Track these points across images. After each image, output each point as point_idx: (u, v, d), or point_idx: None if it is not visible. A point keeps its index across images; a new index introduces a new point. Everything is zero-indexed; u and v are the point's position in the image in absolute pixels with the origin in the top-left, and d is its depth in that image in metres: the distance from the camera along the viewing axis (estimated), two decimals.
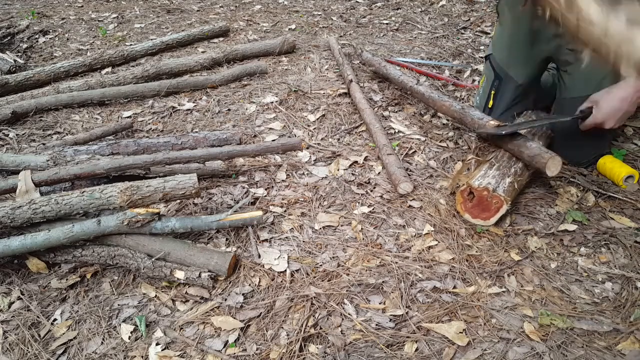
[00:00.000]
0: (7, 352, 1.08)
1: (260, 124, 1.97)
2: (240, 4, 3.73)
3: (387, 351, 1.05)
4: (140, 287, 1.24)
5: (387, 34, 2.96)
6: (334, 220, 1.43)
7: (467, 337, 1.07)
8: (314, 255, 1.31)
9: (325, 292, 1.19)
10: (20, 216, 1.23)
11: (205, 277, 1.19)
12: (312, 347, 1.06)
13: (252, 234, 1.37)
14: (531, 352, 1.03)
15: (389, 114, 2.00)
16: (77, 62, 2.45)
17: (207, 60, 2.47)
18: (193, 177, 1.28)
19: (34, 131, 1.94)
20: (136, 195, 1.24)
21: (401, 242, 1.35)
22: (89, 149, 1.63)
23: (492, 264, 1.27)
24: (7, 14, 3.53)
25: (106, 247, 1.27)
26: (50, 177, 1.36)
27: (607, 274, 1.23)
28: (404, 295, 1.18)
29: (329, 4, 3.63)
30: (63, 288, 1.24)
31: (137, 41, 2.92)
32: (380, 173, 1.63)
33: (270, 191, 1.56)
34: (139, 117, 2.06)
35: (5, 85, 2.21)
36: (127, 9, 3.60)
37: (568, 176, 1.56)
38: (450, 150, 1.75)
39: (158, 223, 1.26)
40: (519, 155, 1.41)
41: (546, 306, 1.14)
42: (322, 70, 2.46)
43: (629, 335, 1.06)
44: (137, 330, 1.13)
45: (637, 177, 1.51)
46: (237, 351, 1.06)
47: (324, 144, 1.81)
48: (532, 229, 1.38)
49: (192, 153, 1.44)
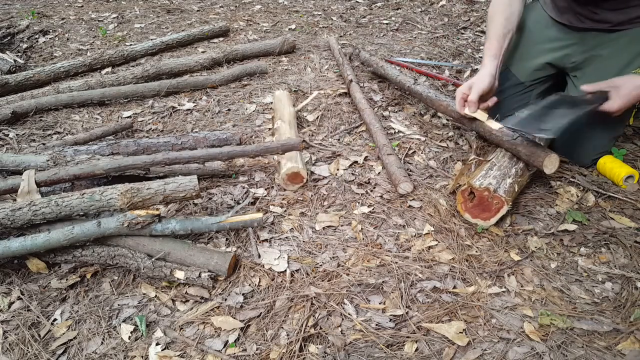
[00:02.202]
0: (7, 352, 1.08)
1: (260, 124, 1.97)
2: (240, 4, 3.73)
3: (387, 351, 1.05)
4: (140, 287, 1.24)
5: (387, 34, 2.96)
6: (334, 220, 1.43)
7: (467, 337, 1.07)
8: (314, 255, 1.31)
9: (325, 292, 1.19)
10: (21, 218, 1.23)
11: (205, 277, 1.19)
12: (312, 347, 1.06)
13: (252, 234, 1.37)
14: (531, 352, 1.03)
15: (389, 114, 2.00)
16: (77, 62, 2.45)
17: (207, 60, 2.47)
18: (193, 179, 1.28)
19: (34, 131, 1.94)
20: (136, 198, 1.24)
21: (401, 242, 1.35)
22: (89, 149, 1.63)
23: (492, 264, 1.27)
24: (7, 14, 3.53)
25: (106, 247, 1.27)
26: (50, 178, 1.36)
27: (607, 274, 1.23)
28: (404, 295, 1.18)
29: (329, 4, 3.63)
30: (63, 288, 1.24)
31: (137, 41, 2.92)
32: (380, 173, 1.63)
33: (270, 191, 1.56)
34: (139, 117, 2.06)
35: (5, 85, 2.21)
36: (127, 9, 3.60)
37: (568, 176, 1.56)
38: (450, 150, 1.75)
39: (158, 225, 1.26)
40: (516, 153, 1.41)
41: (546, 306, 1.15)
42: (322, 70, 2.46)
43: (629, 335, 1.06)
44: (137, 330, 1.13)
45: (637, 177, 1.51)
46: (237, 351, 1.07)
47: (324, 144, 1.81)
48: (532, 229, 1.38)
49: (192, 153, 1.44)
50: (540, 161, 1.31)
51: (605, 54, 1.50)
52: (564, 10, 1.57)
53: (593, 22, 1.50)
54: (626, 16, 1.43)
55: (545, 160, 1.30)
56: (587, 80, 1.54)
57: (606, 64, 1.50)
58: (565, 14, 1.57)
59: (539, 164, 1.32)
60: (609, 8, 1.44)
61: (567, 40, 1.59)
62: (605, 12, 1.46)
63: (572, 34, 1.57)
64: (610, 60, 1.49)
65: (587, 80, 1.54)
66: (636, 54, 1.45)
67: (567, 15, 1.56)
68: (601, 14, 1.47)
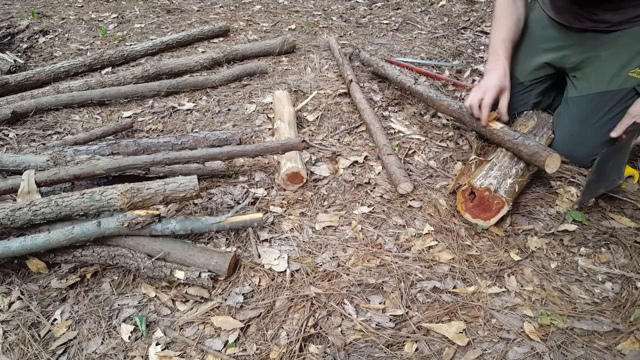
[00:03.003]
0: (7, 352, 1.08)
1: (260, 124, 1.97)
2: (240, 4, 3.73)
3: (387, 351, 1.05)
4: (140, 287, 1.24)
5: (387, 34, 2.96)
6: (334, 220, 1.43)
7: (467, 337, 1.07)
8: (314, 255, 1.31)
9: (325, 292, 1.19)
10: (21, 218, 1.23)
11: (205, 277, 1.19)
12: (312, 347, 1.06)
13: (252, 234, 1.37)
14: (531, 352, 1.03)
15: (389, 114, 2.00)
16: (77, 62, 2.45)
17: (207, 60, 2.47)
18: (193, 179, 1.28)
19: (34, 131, 1.94)
20: (136, 198, 1.24)
21: (401, 242, 1.35)
22: (89, 149, 1.63)
23: (492, 264, 1.27)
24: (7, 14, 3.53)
25: (106, 247, 1.26)
26: (50, 178, 1.36)
27: (607, 274, 1.23)
28: (404, 295, 1.18)
29: (329, 4, 3.63)
30: (63, 288, 1.24)
31: (137, 41, 2.92)
32: (380, 173, 1.63)
33: (270, 191, 1.56)
34: (139, 117, 2.06)
35: (5, 85, 2.21)
36: (127, 9, 3.60)
37: (568, 176, 1.56)
38: (450, 150, 1.75)
39: (158, 225, 1.25)
40: (517, 153, 1.41)
41: (546, 306, 1.15)
42: (322, 70, 2.46)
43: (629, 335, 1.06)
44: (137, 330, 1.13)
45: (637, 177, 1.51)
46: (237, 351, 1.07)
47: (324, 144, 1.81)
48: (532, 229, 1.38)
49: (191, 153, 1.44)
50: (542, 161, 1.31)
51: (604, 54, 1.51)
52: (562, 10, 1.57)
53: (592, 22, 1.50)
54: (624, 16, 1.43)
55: (547, 160, 1.30)
56: (587, 81, 1.55)
57: (605, 64, 1.50)
58: (563, 14, 1.57)
59: (540, 163, 1.32)
60: (608, 9, 1.45)
61: (566, 41, 1.59)
62: (604, 12, 1.46)
63: (571, 34, 1.58)
64: (609, 60, 1.49)
65: (586, 80, 1.55)
66: (635, 53, 1.45)
67: (566, 15, 1.56)
68: (600, 15, 1.47)
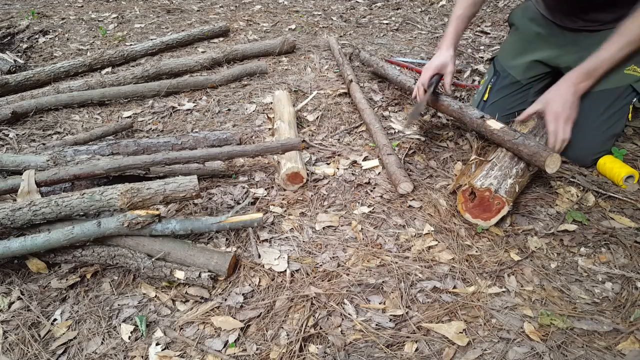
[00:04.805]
0: (7, 352, 1.08)
1: (260, 124, 1.97)
2: (240, 4, 3.73)
3: (387, 351, 1.05)
4: (140, 287, 1.24)
5: (387, 34, 2.96)
6: (334, 220, 1.43)
7: (467, 337, 1.07)
8: (314, 255, 1.31)
9: (325, 292, 1.19)
10: (21, 218, 1.23)
11: (205, 277, 1.19)
12: (312, 347, 1.06)
13: (252, 234, 1.37)
14: (531, 352, 1.03)
15: (389, 114, 2.00)
16: (77, 62, 2.45)
17: (207, 60, 2.47)
18: (194, 179, 1.28)
19: (34, 131, 1.94)
20: (136, 198, 1.24)
21: (401, 242, 1.35)
22: (89, 149, 1.63)
23: (492, 264, 1.27)
24: (7, 14, 3.53)
25: (106, 247, 1.26)
26: (50, 178, 1.36)
27: (607, 274, 1.23)
28: (404, 295, 1.18)
29: (329, 4, 3.63)
30: (63, 288, 1.24)
31: (137, 41, 2.92)
32: (380, 173, 1.63)
33: (270, 191, 1.56)
34: (139, 117, 2.06)
35: (5, 85, 2.21)
36: (127, 9, 3.60)
37: (568, 176, 1.56)
38: (450, 150, 1.75)
39: (158, 225, 1.25)
40: (517, 154, 1.41)
41: (546, 306, 1.14)
42: (322, 70, 2.46)
43: (629, 335, 1.06)
44: (137, 330, 1.13)
45: (637, 177, 1.51)
46: (237, 351, 1.06)
47: (324, 144, 1.81)
48: (532, 229, 1.38)
49: (191, 153, 1.44)
50: (542, 161, 1.31)
51: None
52: (553, 9, 1.59)
53: (584, 21, 1.53)
54: (616, 15, 1.44)
55: (548, 160, 1.30)
56: None
57: None
58: (555, 13, 1.60)
59: (540, 163, 1.32)
60: (598, 8, 1.48)
61: (561, 40, 1.61)
62: (595, 12, 1.49)
63: (565, 33, 1.60)
64: None
65: None
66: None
67: (558, 15, 1.59)
68: (591, 14, 1.51)
